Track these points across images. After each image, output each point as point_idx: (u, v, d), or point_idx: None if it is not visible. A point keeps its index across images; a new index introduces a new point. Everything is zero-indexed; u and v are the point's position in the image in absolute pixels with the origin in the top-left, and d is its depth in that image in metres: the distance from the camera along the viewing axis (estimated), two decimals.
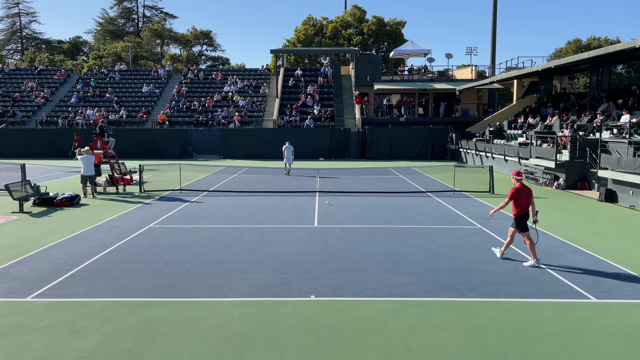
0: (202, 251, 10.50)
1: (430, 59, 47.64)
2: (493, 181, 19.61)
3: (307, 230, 12.59)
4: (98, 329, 6.61)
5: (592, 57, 22.49)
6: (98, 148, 19.47)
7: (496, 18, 48.08)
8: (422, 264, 9.62)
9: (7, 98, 44.68)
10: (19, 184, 15.64)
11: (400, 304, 7.54)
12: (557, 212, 15.47)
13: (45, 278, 8.67)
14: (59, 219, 13.98)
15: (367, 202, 16.94)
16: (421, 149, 37.63)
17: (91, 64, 68.91)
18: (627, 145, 18.15)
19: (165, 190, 19.37)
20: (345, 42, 60.60)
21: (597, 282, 8.56)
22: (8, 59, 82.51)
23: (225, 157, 36.91)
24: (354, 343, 6.25)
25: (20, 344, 6.21)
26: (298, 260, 9.80)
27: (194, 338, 6.38)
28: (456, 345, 6.19)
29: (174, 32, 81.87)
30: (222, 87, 46.34)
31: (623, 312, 7.25)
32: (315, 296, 7.86)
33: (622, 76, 58.08)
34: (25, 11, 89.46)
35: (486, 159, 29.79)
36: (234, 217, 14.27)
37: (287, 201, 16.96)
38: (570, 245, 11.20)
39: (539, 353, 5.99)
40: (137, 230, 12.45)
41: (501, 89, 48.76)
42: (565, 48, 60.95)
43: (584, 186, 20.47)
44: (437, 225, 13.25)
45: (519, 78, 36.16)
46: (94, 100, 44.28)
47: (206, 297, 7.83)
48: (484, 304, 7.57)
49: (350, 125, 40.06)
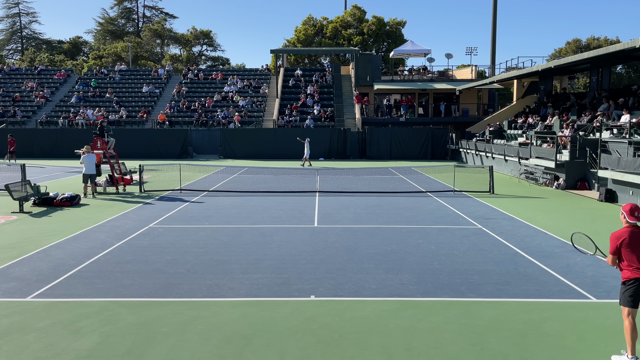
0: (202, 251, 10.50)
1: (430, 59, 47.66)
2: (493, 181, 19.62)
3: (307, 230, 12.59)
4: (98, 329, 6.61)
5: (592, 57, 22.49)
6: (98, 148, 19.47)
7: (496, 18, 48.10)
8: (422, 264, 9.62)
9: (7, 98, 44.68)
10: (19, 184, 15.64)
11: (400, 304, 7.54)
12: (557, 212, 15.47)
13: (45, 278, 8.67)
14: (59, 219, 13.98)
15: (367, 202, 16.93)
16: (421, 149, 37.62)
17: (91, 64, 68.89)
18: (627, 145, 18.15)
19: (165, 190, 19.37)
20: (345, 42, 60.59)
21: (597, 282, 8.56)
22: (8, 59, 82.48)
23: (225, 157, 36.91)
24: (354, 343, 6.25)
25: (20, 344, 6.20)
26: (298, 260, 9.80)
27: (194, 338, 6.38)
28: (456, 345, 6.19)
29: (174, 32, 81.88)
30: (222, 87, 46.34)
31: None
32: (315, 296, 7.86)
33: (622, 76, 58.08)
34: (26, 11, 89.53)
35: (486, 159, 29.79)
36: (234, 217, 14.27)
37: (287, 201, 16.96)
38: (570, 245, 11.18)
39: (539, 353, 5.99)
40: (137, 230, 12.45)
41: (501, 89, 48.75)
42: (565, 48, 60.95)
43: (584, 186, 20.47)
44: (437, 225, 13.25)
45: (519, 78, 36.15)
46: (94, 100, 44.27)
47: (206, 297, 7.83)
48: (484, 304, 7.57)
49: (350, 125, 40.05)
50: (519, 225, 13.31)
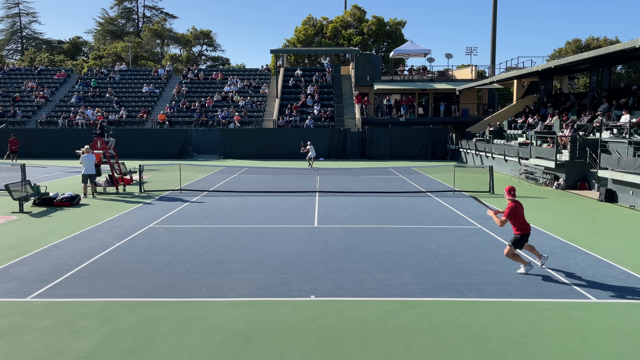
0: (202, 251, 10.50)
1: (430, 59, 47.65)
2: (493, 181, 19.61)
3: (307, 230, 12.59)
4: (98, 329, 6.61)
5: (592, 57, 22.49)
6: (98, 148, 19.47)
7: (496, 18, 48.11)
8: (422, 264, 9.62)
9: (7, 98, 44.68)
10: (19, 184, 15.63)
11: (400, 304, 7.54)
12: (557, 212, 15.47)
13: (45, 278, 8.66)
14: (59, 219, 13.98)
15: (367, 202, 16.93)
16: (421, 149, 37.63)
17: (91, 64, 68.90)
18: (627, 145, 18.15)
19: (165, 190, 19.37)
20: (345, 42, 60.60)
21: (597, 282, 8.56)
22: (8, 59, 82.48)
23: (225, 157, 36.91)
24: (354, 343, 6.25)
25: (20, 344, 6.20)
26: (298, 260, 9.80)
27: (194, 338, 6.38)
28: (456, 345, 6.19)
29: (174, 32, 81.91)
30: (222, 87, 46.35)
31: (623, 312, 7.25)
32: (315, 296, 7.86)
33: (622, 76, 58.09)
34: (26, 11, 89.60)
35: (486, 159, 29.79)
36: (234, 217, 14.27)
37: (287, 201, 16.96)
38: (570, 245, 11.20)
39: (539, 353, 5.99)
40: (137, 230, 12.45)
41: (501, 89, 48.76)
42: (564, 48, 60.96)
43: (584, 186, 20.47)
44: (437, 225, 13.24)
45: (519, 78, 36.16)
46: (94, 100, 44.28)
47: (206, 297, 7.83)
48: (484, 304, 7.57)
49: (350, 125, 40.06)
50: None
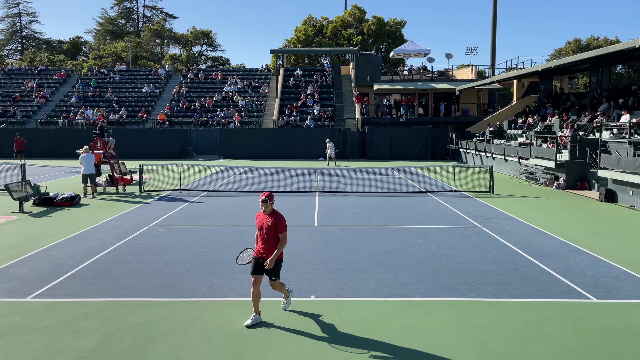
0: (202, 251, 10.50)
1: (430, 59, 47.64)
2: (493, 181, 19.61)
3: (307, 230, 12.59)
4: (98, 329, 6.61)
5: (592, 57, 22.49)
6: (98, 148, 19.47)
7: (496, 18, 48.10)
8: (422, 264, 9.62)
9: (7, 98, 44.67)
10: (19, 184, 15.63)
11: (400, 304, 7.54)
12: (557, 212, 15.47)
13: (45, 278, 8.66)
14: (59, 219, 13.98)
15: (367, 202, 16.93)
16: (421, 149, 37.62)
17: (91, 64, 68.90)
18: (627, 145, 18.15)
19: (165, 190, 19.37)
20: (345, 42, 60.59)
21: (597, 282, 8.55)
22: (8, 59, 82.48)
23: (225, 157, 36.90)
24: (354, 343, 6.25)
25: (20, 344, 6.20)
26: (298, 260, 9.80)
27: (194, 338, 6.38)
28: (456, 345, 6.19)
29: (174, 32, 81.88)
30: (222, 87, 46.33)
31: (623, 312, 7.25)
32: (315, 296, 7.86)
33: (622, 76, 58.09)
34: (26, 11, 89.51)
35: (486, 159, 29.79)
36: (234, 217, 14.27)
37: (287, 201, 16.96)
38: (570, 245, 11.20)
39: (539, 353, 5.99)
40: (137, 230, 12.45)
41: (501, 89, 48.75)
42: (564, 48, 60.97)
43: (584, 186, 20.47)
44: (437, 225, 13.24)
45: (519, 78, 36.15)
46: (94, 100, 44.26)
47: (206, 297, 7.83)
48: (484, 304, 7.57)
49: (350, 125, 40.05)
50: (519, 225, 13.31)
